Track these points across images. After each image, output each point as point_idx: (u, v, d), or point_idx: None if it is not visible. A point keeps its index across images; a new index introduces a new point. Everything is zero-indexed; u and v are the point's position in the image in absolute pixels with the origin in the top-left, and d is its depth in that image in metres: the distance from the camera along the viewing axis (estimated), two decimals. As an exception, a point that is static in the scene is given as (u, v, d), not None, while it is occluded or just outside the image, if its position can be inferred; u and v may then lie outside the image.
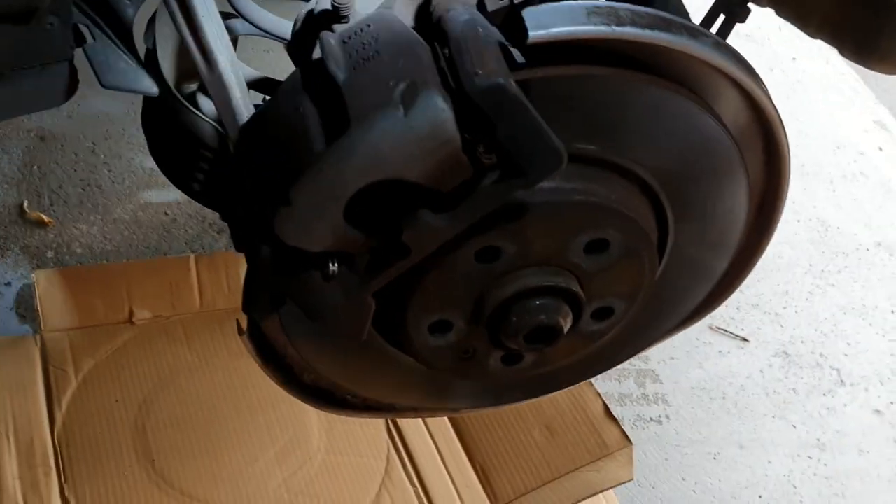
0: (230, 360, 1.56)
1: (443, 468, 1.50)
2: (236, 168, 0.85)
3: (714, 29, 1.16)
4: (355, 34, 0.76)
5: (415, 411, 1.09)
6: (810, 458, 1.86)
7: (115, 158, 1.83)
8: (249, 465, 1.45)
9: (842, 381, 2.05)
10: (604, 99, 0.78)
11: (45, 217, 1.73)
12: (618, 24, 0.73)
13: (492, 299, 0.85)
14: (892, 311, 2.26)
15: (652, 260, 0.89)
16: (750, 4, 1.09)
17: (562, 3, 0.73)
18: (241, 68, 1.06)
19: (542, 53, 0.73)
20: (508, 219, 0.80)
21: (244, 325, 0.93)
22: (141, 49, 1.11)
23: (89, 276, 1.59)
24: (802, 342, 2.11)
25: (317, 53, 0.79)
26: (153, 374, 1.52)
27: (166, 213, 1.79)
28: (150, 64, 1.08)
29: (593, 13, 0.72)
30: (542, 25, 0.72)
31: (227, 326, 1.61)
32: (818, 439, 1.91)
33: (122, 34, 1.07)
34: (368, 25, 0.76)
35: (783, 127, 0.87)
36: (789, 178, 0.92)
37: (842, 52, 1.33)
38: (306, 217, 0.74)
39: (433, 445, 1.52)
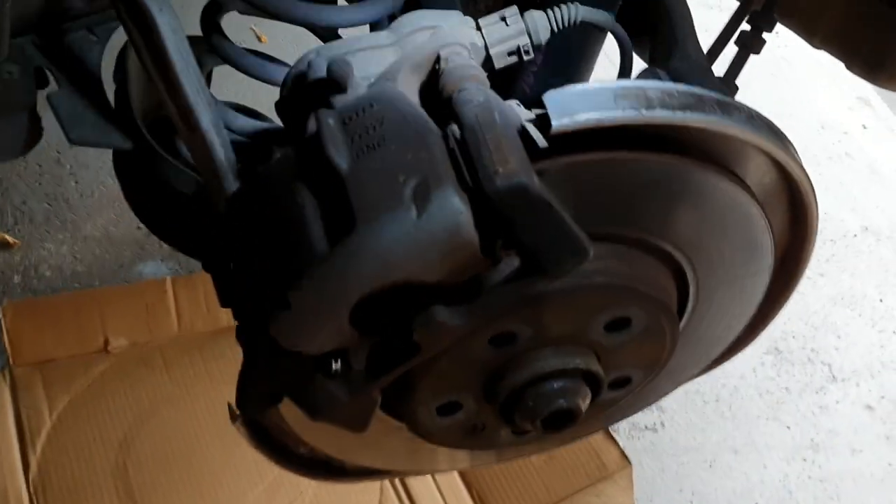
0: (212, 387, 1.50)
1: (439, 496, 1.46)
2: (226, 248, 0.78)
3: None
4: (357, 114, 0.69)
5: (416, 472, 1.04)
6: (804, 460, 1.85)
7: (83, 168, 1.73)
8: (237, 501, 1.40)
9: (833, 376, 2.03)
10: (629, 181, 0.72)
11: (9, 238, 1.63)
12: (647, 108, 0.66)
13: (506, 384, 0.80)
14: (881, 300, 2.24)
15: (674, 330, 0.84)
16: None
17: (587, 85, 0.66)
18: (226, 115, 0.98)
19: (567, 141, 0.66)
20: (526, 305, 0.74)
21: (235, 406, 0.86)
22: (110, 84, 1.03)
23: (60, 305, 1.51)
24: (794, 337, 2.08)
25: (312, 127, 0.71)
26: (132, 407, 1.45)
27: (139, 228, 1.70)
28: (121, 104, 1.00)
29: (621, 96, 0.66)
30: (566, 112, 0.65)
31: (207, 350, 1.55)
32: (812, 440, 1.89)
33: (89, 76, 0.98)
34: (372, 105, 0.68)
35: (813, 191, 0.81)
36: (815, 236, 0.87)
37: (849, 67, 1.28)
38: (307, 323, 0.67)
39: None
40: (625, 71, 0.87)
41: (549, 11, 0.81)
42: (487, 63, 0.81)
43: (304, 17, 0.89)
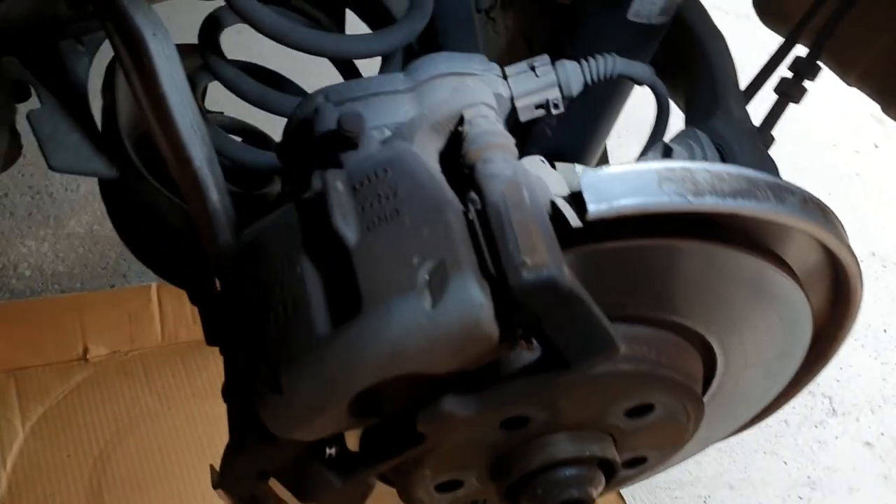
0: (193, 402, 1.43)
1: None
2: (220, 304, 0.71)
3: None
4: (369, 180, 0.61)
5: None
6: (800, 498, 1.80)
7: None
8: (215, 527, 1.33)
9: (833, 409, 1.98)
10: (666, 265, 0.65)
11: (-12, 232, 1.56)
12: (695, 194, 0.59)
13: (516, 469, 0.73)
14: (885, 330, 2.19)
15: (698, 413, 0.77)
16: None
17: (629, 167, 0.59)
18: (222, 140, 0.90)
19: (604, 227, 0.59)
20: (542, 391, 0.68)
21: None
22: (96, 94, 0.95)
23: (38, 309, 1.44)
24: (795, 367, 2.02)
25: (317, 186, 0.64)
26: (110, 421, 1.38)
27: (125, 226, 1.62)
28: (108, 123, 0.92)
29: (666, 180, 0.59)
30: (604, 196, 0.58)
31: (190, 361, 1.48)
32: (808, 476, 1.84)
33: (74, 91, 0.90)
34: (386, 171, 0.61)
35: (860, 275, 0.75)
36: (856, 317, 0.80)
37: (885, 110, 1.21)
38: (300, 412, 0.60)
39: None
40: (660, 127, 0.80)
41: (584, 63, 0.74)
42: (512, 114, 0.74)
43: (314, 45, 0.82)
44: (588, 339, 0.59)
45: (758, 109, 0.98)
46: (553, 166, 0.79)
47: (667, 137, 0.84)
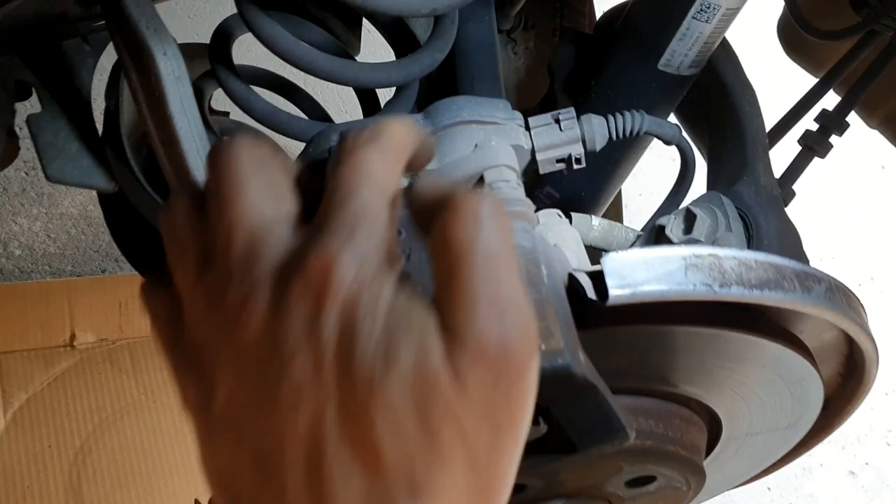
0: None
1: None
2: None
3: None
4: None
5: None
6: (781, 526, 1.80)
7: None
8: (195, 528, 1.31)
9: (820, 436, 1.97)
10: (682, 348, 0.63)
11: (-21, 208, 1.52)
12: (721, 284, 0.56)
13: (507, 532, 0.71)
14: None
15: (699, 484, 0.75)
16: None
17: (656, 252, 0.56)
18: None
19: (624, 311, 0.57)
20: (544, 467, 0.65)
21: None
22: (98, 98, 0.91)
23: (25, 292, 1.41)
24: (785, 391, 2.01)
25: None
26: (93, 412, 1.36)
27: (120, 209, 1.59)
28: (110, 130, 0.88)
29: (693, 267, 0.56)
30: (628, 281, 0.55)
31: (180, 353, 1.45)
32: (791, 503, 1.84)
33: (77, 95, 0.87)
34: (400, 232, 0.58)
35: (877, 358, 0.72)
36: (867, 394, 0.78)
37: (905, 158, 1.19)
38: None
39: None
40: (683, 186, 0.77)
41: (611, 118, 0.71)
42: (532, 165, 0.71)
43: (328, 70, 0.78)
44: (599, 425, 0.56)
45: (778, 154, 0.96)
46: (569, 217, 0.77)
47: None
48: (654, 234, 0.72)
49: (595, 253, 0.75)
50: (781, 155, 0.96)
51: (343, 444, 0.36)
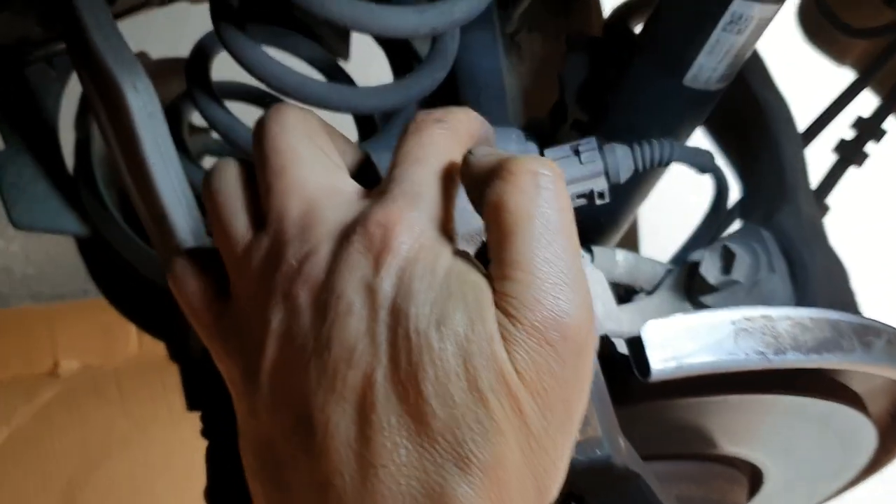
0: (170, 428, 1.33)
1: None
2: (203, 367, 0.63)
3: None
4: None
5: None
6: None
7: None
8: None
9: None
10: (730, 414, 0.56)
11: (-47, 229, 1.44)
12: (776, 351, 0.49)
13: None
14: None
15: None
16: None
17: (701, 319, 0.49)
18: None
19: (667, 384, 0.50)
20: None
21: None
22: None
23: (4, 320, 1.33)
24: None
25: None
26: (80, 447, 1.28)
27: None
28: (82, 164, 0.80)
29: (743, 332, 0.49)
30: (673, 354, 0.48)
31: (168, 377, 1.38)
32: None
33: (43, 126, 0.79)
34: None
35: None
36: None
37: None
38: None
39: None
40: (716, 216, 0.70)
41: (637, 148, 0.64)
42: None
43: (318, 97, 0.71)
44: (639, 513, 0.50)
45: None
46: (589, 250, 0.70)
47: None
48: (688, 272, 0.65)
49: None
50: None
51: (392, 403, 0.36)
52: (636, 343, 0.49)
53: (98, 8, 0.63)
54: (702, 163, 0.65)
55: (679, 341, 0.48)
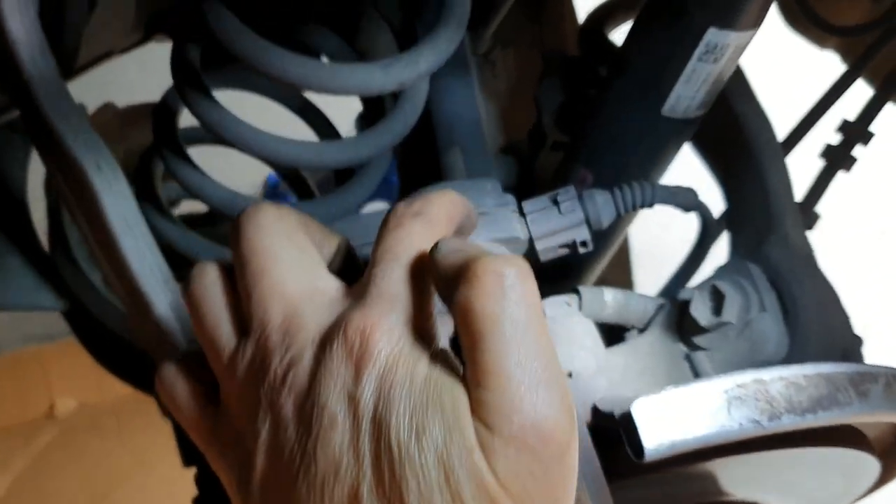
0: (173, 462, 1.31)
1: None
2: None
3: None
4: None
5: None
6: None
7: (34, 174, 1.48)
8: None
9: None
10: (730, 470, 0.55)
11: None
12: (770, 417, 0.48)
13: None
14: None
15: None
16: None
17: (691, 392, 0.48)
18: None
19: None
20: None
21: None
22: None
23: (-3, 366, 1.32)
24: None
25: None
26: (81, 490, 1.27)
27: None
28: (54, 231, 0.79)
29: (736, 400, 0.48)
30: (665, 433, 0.47)
31: (169, 408, 1.37)
32: None
33: (10, 197, 0.78)
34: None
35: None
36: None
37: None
38: None
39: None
40: (702, 251, 0.68)
41: (618, 193, 0.62)
42: (531, 254, 0.62)
43: (288, 158, 0.69)
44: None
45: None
46: (576, 291, 0.68)
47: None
48: (679, 310, 0.64)
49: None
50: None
51: None
52: (628, 422, 0.47)
53: (50, 81, 0.60)
54: (684, 202, 0.63)
55: (671, 417, 0.47)
